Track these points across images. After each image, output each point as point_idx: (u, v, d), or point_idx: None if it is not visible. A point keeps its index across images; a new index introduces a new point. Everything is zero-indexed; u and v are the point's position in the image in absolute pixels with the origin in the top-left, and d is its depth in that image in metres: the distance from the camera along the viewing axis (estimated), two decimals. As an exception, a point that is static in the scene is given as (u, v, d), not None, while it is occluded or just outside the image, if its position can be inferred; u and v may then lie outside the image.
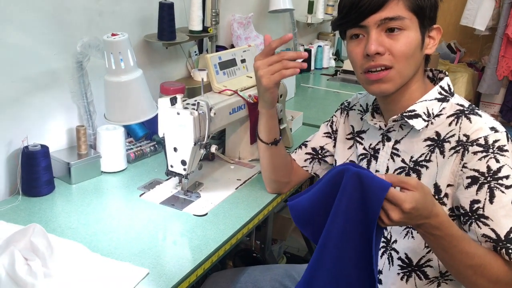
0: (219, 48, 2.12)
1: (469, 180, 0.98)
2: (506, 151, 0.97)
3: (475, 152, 0.98)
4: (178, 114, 1.27)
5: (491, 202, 0.96)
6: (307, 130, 1.92)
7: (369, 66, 1.03)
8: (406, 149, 1.10)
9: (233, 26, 2.28)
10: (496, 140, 0.97)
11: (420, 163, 1.07)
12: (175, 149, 1.31)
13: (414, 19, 1.01)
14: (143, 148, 1.62)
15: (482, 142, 0.97)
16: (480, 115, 1.02)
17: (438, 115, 1.06)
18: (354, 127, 1.25)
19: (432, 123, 1.06)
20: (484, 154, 0.97)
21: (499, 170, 0.96)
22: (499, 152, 0.96)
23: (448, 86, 1.09)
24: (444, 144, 1.03)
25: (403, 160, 1.10)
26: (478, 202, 0.97)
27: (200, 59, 2.01)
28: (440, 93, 1.07)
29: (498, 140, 0.97)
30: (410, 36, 1.01)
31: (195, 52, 2.03)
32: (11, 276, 0.92)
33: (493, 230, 0.95)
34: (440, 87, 1.08)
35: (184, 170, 1.32)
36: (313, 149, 1.35)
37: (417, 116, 1.06)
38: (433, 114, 1.06)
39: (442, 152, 1.03)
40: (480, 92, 3.66)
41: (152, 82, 1.70)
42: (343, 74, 2.84)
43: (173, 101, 1.27)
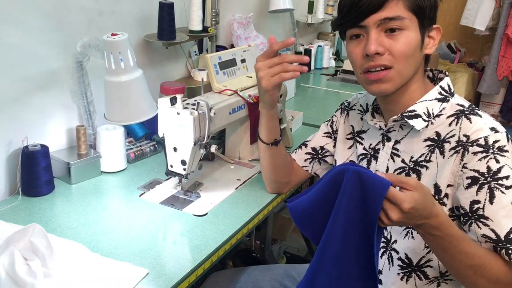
0: (219, 48, 2.12)
1: (469, 181, 0.98)
2: (506, 151, 0.97)
3: (475, 153, 0.98)
4: (178, 114, 1.27)
5: (491, 202, 0.96)
6: (307, 130, 1.92)
7: (368, 66, 1.03)
8: (406, 149, 1.09)
9: (233, 26, 2.28)
10: (496, 141, 0.97)
11: (420, 163, 1.07)
12: (175, 149, 1.31)
13: (413, 19, 1.01)
14: (143, 148, 1.62)
15: (482, 142, 0.97)
16: (480, 116, 1.02)
17: (438, 115, 1.06)
18: (354, 127, 1.25)
19: (432, 123, 1.06)
20: (484, 154, 0.97)
21: (499, 170, 0.96)
22: (499, 152, 0.96)
23: (448, 86, 1.09)
24: (444, 144, 1.03)
25: (403, 160, 1.10)
26: (478, 202, 0.97)
27: (200, 59, 2.01)
28: (440, 93, 1.07)
29: (498, 140, 0.97)
30: (409, 36, 1.01)
31: (195, 52, 2.03)
32: (11, 276, 0.92)
33: (493, 230, 0.95)
34: (440, 87, 1.08)
35: (184, 170, 1.32)
36: (313, 149, 1.35)
37: (417, 116, 1.06)
38: (433, 114, 1.06)
39: (442, 153, 1.03)
40: (480, 92, 3.66)
41: (152, 82, 1.70)
42: (343, 74, 2.84)
43: (173, 101, 1.27)
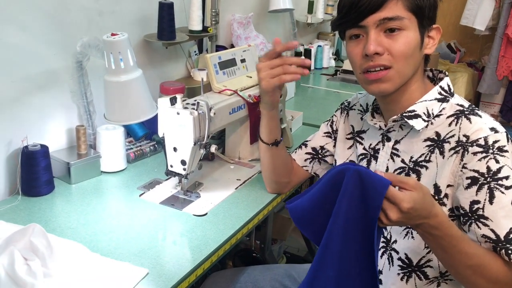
0: (219, 48, 2.12)
1: (469, 181, 0.98)
2: (506, 151, 0.97)
3: (475, 153, 0.97)
4: (178, 114, 1.27)
5: (491, 202, 0.96)
6: (307, 130, 1.92)
7: (368, 66, 1.03)
8: (406, 149, 1.09)
9: (233, 26, 2.28)
10: (496, 141, 0.97)
11: (420, 164, 1.07)
12: (175, 149, 1.31)
13: (413, 19, 1.01)
14: (143, 148, 1.62)
15: (482, 142, 0.97)
16: (480, 116, 1.02)
17: (438, 115, 1.06)
18: (354, 127, 1.25)
19: (432, 123, 1.06)
20: (484, 154, 0.97)
21: (499, 170, 0.96)
22: (499, 152, 0.96)
23: (448, 86, 1.09)
24: (444, 144, 1.03)
25: (402, 160, 1.10)
26: (478, 202, 0.97)
27: (200, 59, 2.01)
28: (440, 93, 1.07)
29: (498, 140, 0.97)
30: (409, 36, 1.01)
31: (195, 52, 2.02)
32: (11, 276, 0.92)
33: (492, 230, 0.95)
34: (440, 87, 1.08)
35: (184, 170, 1.32)
36: (313, 148, 1.35)
37: (417, 116, 1.06)
38: (433, 114, 1.06)
39: (442, 153, 1.03)
40: (480, 92, 3.66)
41: (152, 82, 1.70)
42: (343, 74, 2.84)
43: (173, 101, 1.27)
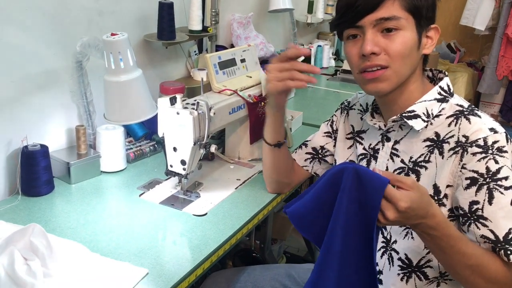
0: (219, 48, 2.12)
1: (468, 181, 0.98)
2: (506, 152, 0.97)
3: (474, 153, 0.97)
4: (178, 114, 1.27)
5: (490, 203, 0.96)
6: (307, 130, 1.92)
7: (365, 66, 1.03)
8: (406, 149, 1.09)
9: (232, 25, 2.28)
10: (495, 141, 0.97)
11: (419, 164, 1.07)
12: (174, 149, 1.31)
13: (410, 19, 1.01)
14: (143, 148, 1.62)
15: (481, 143, 0.97)
16: (479, 116, 1.01)
17: (437, 116, 1.06)
18: (354, 126, 1.25)
19: (431, 124, 1.06)
20: (483, 155, 0.97)
21: (498, 171, 0.96)
22: (498, 153, 0.96)
23: (448, 86, 1.08)
24: (443, 145, 1.03)
25: (402, 161, 1.10)
26: (477, 203, 0.97)
27: (199, 59, 2.01)
28: (439, 93, 1.07)
29: (498, 141, 0.97)
30: (406, 36, 1.01)
31: (195, 51, 2.02)
32: (11, 276, 0.92)
33: (491, 231, 0.95)
34: (440, 87, 1.08)
35: (184, 170, 1.32)
36: (313, 148, 1.35)
37: (416, 116, 1.06)
38: (432, 114, 1.06)
39: (441, 153, 1.03)
40: (480, 92, 3.66)
41: (151, 81, 1.70)
42: (343, 74, 2.84)
43: (172, 100, 1.27)
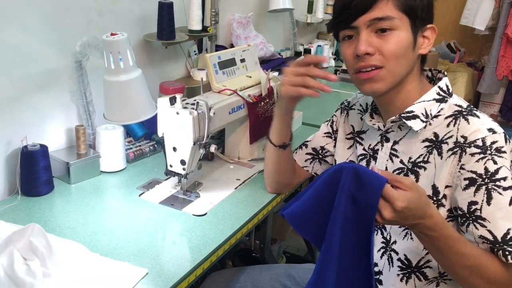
0: (219, 48, 2.12)
1: (466, 182, 0.98)
2: (504, 152, 0.96)
3: (472, 154, 0.97)
4: (178, 113, 1.27)
5: (489, 203, 0.96)
6: (306, 130, 1.92)
7: (359, 66, 1.03)
8: (405, 150, 1.09)
9: (232, 25, 2.28)
10: (493, 142, 0.97)
11: (418, 164, 1.07)
12: (174, 148, 1.31)
13: (404, 19, 1.01)
14: (143, 148, 1.62)
15: (479, 143, 0.97)
16: (478, 116, 1.01)
17: (436, 116, 1.06)
18: (354, 127, 1.25)
19: (430, 124, 1.06)
20: (482, 155, 0.96)
21: (496, 171, 0.96)
22: (497, 153, 0.96)
23: (447, 86, 1.08)
24: (442, 145, 1.03)
25: (401, 161, 1.10)
26: (475, 203, 0.97)
27: (199, 59, 2.01)
28: (438, 93, 1.07)
29: (496, 141, 0.97)
30: (400, 36, 1.01)
31: (195, 51, 2.02)
32: (10, 276, 0.92)
33: (490, 231, 0.95)
34: (439, 87, 1.08)
35: (184, 169, 1.32)
36: (313, 149, 1.35)
37: (415, 117, 1.06)
38: (431, 115, 1.06)
39: (440, 154, 1.03)
40: (480, 92, 3.66)
41: (151, 81, 1.69)
42: (343, 73, 2.84)
43: (172, 100, 1.27)
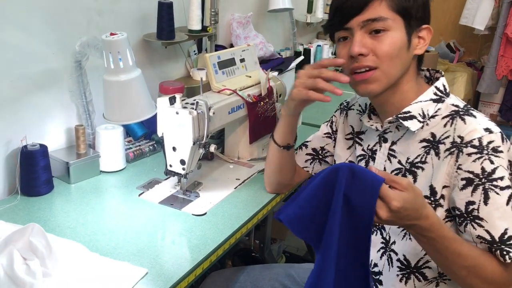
0: (218, 48, 2.12)
1: (464, 182, 0.98)
2: (501, 152, 0.96)
3: (469, 154, 0.97)
4: (177, 113, 1.27)
5: (486, 203, 0.96)
6: (306, 129, 1.92)
7: (353, 67, 1.04)
8: (403, 150, 1.09)
9: (232, 25, 2.28)
10: (490, 142, 0.97)
11: (416, 165, 1.07)
12: (174, 148, 1.31)
13: (398, 19, 1.01)
14: (142, 148, 1.62)
15: (476, 143, 0.97)
16: (474, 116, 1.01)
17: (433, 116, 1.05)
18: (354, 127, 1.25)
19: (427, 124, 1.06)
20: (479, 155, 0.96)
21: (493, 171, 0.96)
22: (494, 153, 0.96)
23: (444, 86, 1.08)
24: (439, 145, 1.03)
25: (399, 162, 1.10)
26: (473, 203, 0.97)
27: (199, 59, 2.01)
28: (435, 93, 1.07)
29: (493, 141, 0.97)
30: (394, 37, 1.01)
31: (194, 51, 2.02)
32: (10, 275, 0.92)
33: (487, 231, 0.95)
34: (436, 87, 1.07)
35: (183, 169, 1.32)
36: (313, 149, 1.36)
37: (412, 117, 1.06)
38: (428, 115, 1.06)
39: (437, 154, 1.03)
40: (480, 92, 3.66)
41: (151, 81, 1.69)
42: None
43: (172, 100, 1.27)
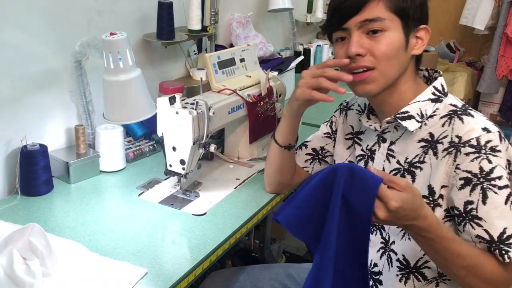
0: (218, 48, 2.12)
1: (462, 182, 0.98)
2: (499, 151, 0.96)
3: (467, 153, 0.97)
4: (177, 113, 1.27)
5: (484, 203, 0.96)
6: (306, 129, 1.92)
7: (351, 67, 1.03)
8: (401, 150, 1.09)
9: (232, 25, 2.28)
10: (488, 141, 0.96)
11: (414, 165, 1.07)
12: (174, 148, 1.31)
13: (395, 20, 1.01)
14: (142, 148, 1.62)
15: (474, 143, 0.97)
16: (472, 116, 1.01)
17: (431, 116, 1.05)
18: (353, 127, 1.25)
19: (425, 124, 1.06)
20: (477, 155, 0.96)
21: (491, 171, 0.95)
22: (492, 152, 0.96)
23: (442, 86, 1.08)
24: (437, 145, 1.03)
25: (398, 162, 1.10)
26: (471, 203, 0.97)
27: (199, 59, 2.01)
28: (433, 93, 1.07)
29: (491, 140, 0.96)
30: (391, 37, 1.01)
31: (194, 51, 2.02)
32: (9, 275, 0.92)
33: (486, 231, 0.95)
34: (434, 87, 1.07)
35: (183, 169, 1.32)
36: (313, 149, 1.35)
37: (410, 117, 1.06)
38: (426, 115, 1.05)
39: (435, 154, 1.03)
40: (480, 92, 3.65)
41: (151, 81, 1.69)
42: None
43: (172, 100, 1.27)
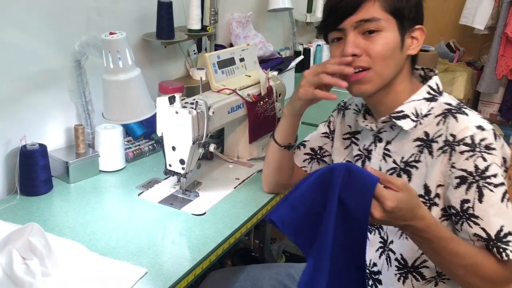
0: (218, 47, 2.12)
1: (458, 180, 0.98)
2: (494, 149, 0.96)
3: (462, 152, 0.97)
4: (177, 113, 1.27)
5: (480, 201, 0.95)
6: (306, 129, 1.91)
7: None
8: (397, 149, 1.09)
9: (232, 25, 2.28)
10: (482, 139, 0.96)
11: (410, 164, 1.07)
12: (173, 148, 1.31)
13: (391, 20, 1.01)
14: (142, 147, 1.62)
15: (468, 141, 0.97)
16: (466, 114, 1.01)
17: (426, 115, 1.05)
18: (351, 127, 1.25)
19: (420, 123, 1.05)
20: (471, 153, 0.96)
21: (486, 169, 0.95)
22: (486, 150, 0.96)
23: (437, 85, 1.08)
24: (432, 144, 1.03)
25: (394, 161, 1.10)
26: (468, 201, 0.97)
27: (198, 58, 2.01)
28: (428, 92, 1.07)
29: (485, 138, 0.96)
30: (387, 37, 1.01)
31: (194, 51, 2.02)
32: (9, 275, 0.92)
33: (483, 229, 0.95)
34: (429, 86, 1.07)
35: (183, 169, 1.32)
36: (311, 149, 1.35)
37: (405, 116, 1.06)
38: (421, 114, 1.05)
39: (431, 153, 1.03)
40: (479, 91, 3.66)
41: (150, 81, 1.69)
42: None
43: (171, 100, 1.27)
